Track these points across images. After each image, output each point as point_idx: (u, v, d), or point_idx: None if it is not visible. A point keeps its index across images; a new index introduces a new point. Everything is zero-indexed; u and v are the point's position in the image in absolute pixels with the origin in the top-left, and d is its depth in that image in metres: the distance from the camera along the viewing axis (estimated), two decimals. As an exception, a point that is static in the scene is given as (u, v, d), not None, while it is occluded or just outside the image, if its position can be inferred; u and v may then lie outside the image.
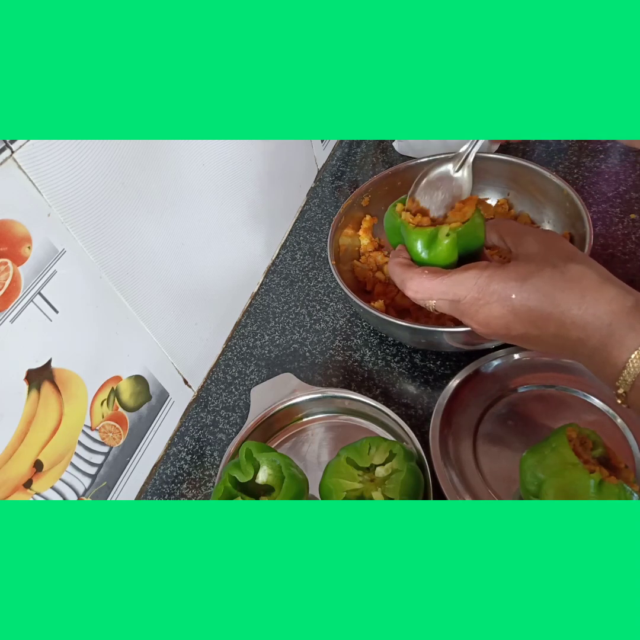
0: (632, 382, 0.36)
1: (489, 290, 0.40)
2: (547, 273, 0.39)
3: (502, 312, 0.40)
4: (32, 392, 0.44)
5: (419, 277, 0.43)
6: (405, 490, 0.44)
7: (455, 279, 0.41)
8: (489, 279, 0.40)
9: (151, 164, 0.53)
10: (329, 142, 0.94)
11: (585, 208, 0.59)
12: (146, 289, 0.55)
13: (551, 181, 0.64)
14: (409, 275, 0.43)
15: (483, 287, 0.40)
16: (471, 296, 0.41)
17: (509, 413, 0.54)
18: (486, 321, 0.41)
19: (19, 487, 0.44)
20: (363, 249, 0.71)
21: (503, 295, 0.40)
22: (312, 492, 0.50)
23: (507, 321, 0.40)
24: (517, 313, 0.40)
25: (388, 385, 0.61)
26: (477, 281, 0.40)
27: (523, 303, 0.39)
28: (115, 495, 0.54)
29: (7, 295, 0.41)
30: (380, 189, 0.71)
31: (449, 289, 0.42)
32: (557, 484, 0.41)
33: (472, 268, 0.41)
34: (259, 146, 0.72)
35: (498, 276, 0.40)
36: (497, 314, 0.40)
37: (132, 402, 0.55)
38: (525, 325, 0.40)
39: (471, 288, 0.41)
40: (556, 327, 0.38)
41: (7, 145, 0.39)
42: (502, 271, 0.40)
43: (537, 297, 0.39)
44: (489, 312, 0.41)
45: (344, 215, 0.67)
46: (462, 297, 0.41)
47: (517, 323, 0.40)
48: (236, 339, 0.71)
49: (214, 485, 0.55)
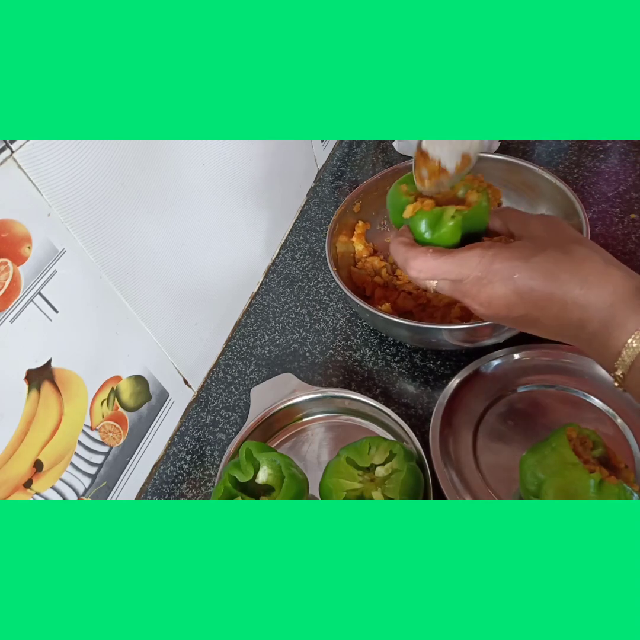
0: (630, 363, 0.35)
1: (492, 269, 0.40)
2: (551, 253, 0.38)
3: (504, 291, 0.40)
4: (32, 392, 0.44)
5: (423, 255, 0.42)
6: (405, 490, 0.44)
7: (460, 257, 0.41)
8: (493, 257, 0.40)
9: (151, 164, 0.53)
10: (329, 142, 0.94)
11: (578, 199, 0.59)
12: (146, 289, 0.55)
13: (541, 176, 0.64)
14: (413, 254, 0.43)
15: (486, 266, 0.40)
16: (474, 275, 0.41)
17: (509, 413, 0.54)
18: (488, 301, 0.41)
19: (19, 487, 0.44)
20: (358, 255, 0.71)
21: (506, 274, 0.39)
22: (312, 492, 0.50)
23: (509, 301, 0.40)
24: (520, 293, 0.39)
25: (388, 385, 0.61)
26: (481, 260, 0.40)
27: (526, 282, 0.39)
28: (115, 495, 0.54)
29: (7, 295, 0.41)
30: (370, 195, 0.71)
31: (453, 268, 0.41)
32: (557, 484, 0.41)
33: (476, 247, 0.41)
34: (259, 146, 0.72)
35: (502, 255, 0.40)
36: (499, 294, 0.40)
37: (132, 402, 0.55)
38: (527, 305, 0.40)
39: (475, 267, 0.40)
40: (558, 307, 0.38)
41: (7, 145, 0.39)
42: (506, 250, 0.40)
43: (540, 276, 0.38)
44: (492, 291, 0.40)
45: (338, 222, 0.68)
46: (466, 276, 0.41)
47: (519, 303, 0.40)
48: (236, 339, 0.71)
49: (214, 485, 0.55)
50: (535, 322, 0.40)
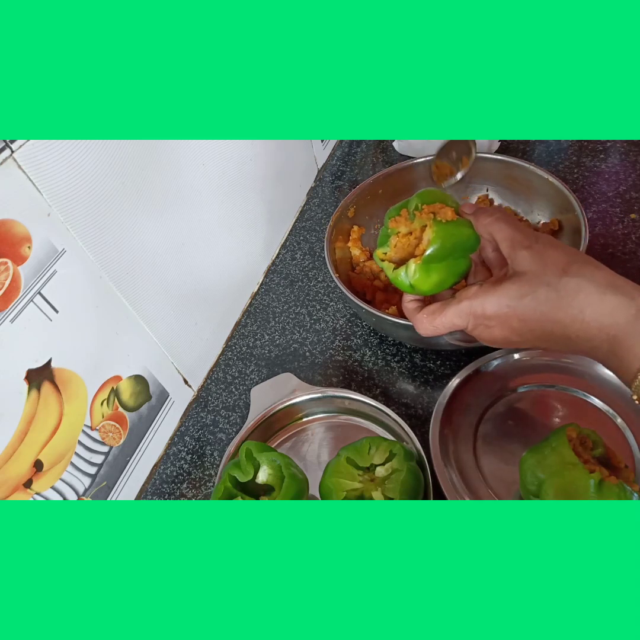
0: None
1: (485, 316, 0.41)
2: (542, 294, 0.39)
3: (503, 333, 0.42)
4: (32, 391, 0.44)
5: (420, 321, 0.45)
6: (405, 490, 0.44)
7: (452, 313, 0.43)
8: (482, 306, 0.41)
9: (151, 164, 0.53)
10: (329, 142, 0.94)
11: (577, 199, 0.59)
12: (146, 289, 0.55)
13: (540, 176, 0.64)
14: (414, 320, 0.46)
15: (479, 314, 0.42)
16: (471, 324, 0.43)
17: (509, 413, 0.54)
18: (492, 340, 0.43)
19: (19, 487, 0.44)
20: (355, 260, 0.71)
21: (501, 320, 0.41)
22: (312, 491, 0.50)
23: (511, 339, 0.42)
24: (519, 332, 0.41)
25: (388, 385, 0.61)
26: (471, 310, 0.42)
27: (522, 325, 0.40)
28: (115, 495, 0.54)
29: (7, 295, 0.41)
30: (363, 199, 0.71)
31: (450, 324, 0.43)
32: (557, 484, 0.41)
33: (463, 299, 0.42)
34: (259, 146, 0.72)
35: (490, 302, 0.41)
36: (499, 335, 0.42)
37: (132, 402, 0.55)
38: (530, 340, 0.41)
39: (467, 318, 0.42)
40: (563, 340, 0.39)
41: (7, 145, 0.39)
42: (493, 296, 0.41)
43: (535, 317, 0.39)
44: (492, 333, 0.42)
45: (334, 227, 0.68)
46: (464, 326, 0.43)
47: (522, 339, 0.41)
48: (236, 339, 0.71)
49: (214, 485, 0.55)
50: (545, 346, 0.42)
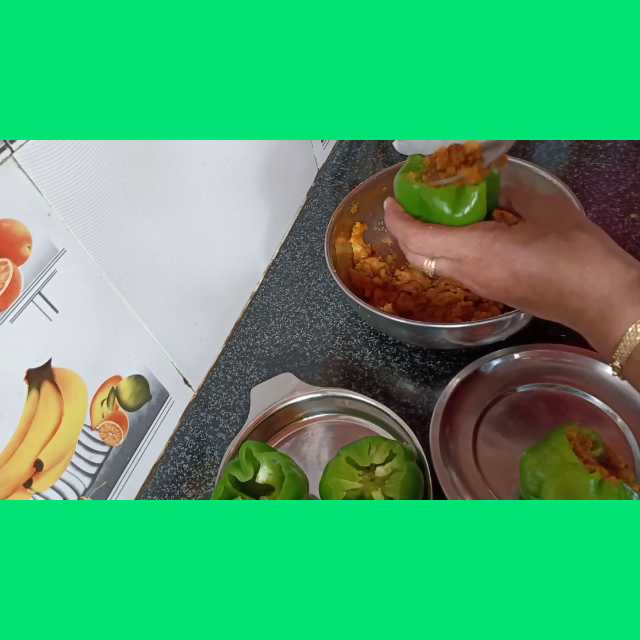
0: (628, 355, 0.36)
1: (491, 251, 0.39)
2: (552, 239, 0.38)
3: (503, 274, 0.40)
4: (32, 391, 0.44)
5: (422, 232, 0.42)
6: (405, 490, 0.44)
7: (460, 237, 0.40)
8: (493, 240, 0.39)
9: (151, 164, 0.53)
10: (329, 142, 0.94)
11: (576, 199, 0.59)
12: (146, 289, 0.55)
13: (540, 176, 0.64)
14: (412, 230, 0.43)
15: (486, 248, 0.40)
16: (473, 256, 0.40)
17: (509, 413, 0.54)
18: (487, 283, 0.41)
19: (19, 487, 0.44)
20: (356, 256, 0.71)
21: (505, 258, 0.39)
22: (312, 491, 0.50)
23: (507, 284, 0.40)
24: (518, 277, 0.39)
25: (388, 384, 0.61)
26: (481, 242, 0.40)
27: (524, 267, 0.39)
28: (115, 495, 0.54)
29: (7, 295, 0.41)
30: (368, 196, 0.71)
31: (452, 247, 0.41)
32: (557, 484, 0.41)
33: (477, 228, 0.40)
34: (259, 146, 0.72)
35: (502, 238, 0.39)
36: (498, 277, 0.40)
37: (132, 402, 0.55)
38: (524, 290, 0.40)
39: (474, 248, 0.40)
40: (555, 294, 0.38)
41: (7, 145, 0.39)
42: (508, 233, 0.40)
43: (539, 262, 0.38)
44: (490, 274, 0.40)
45: (336, 223, 0.68)
46: (464, 256, 0.41)
47: (517, 287, 0.40)
48: (236, 339, 0.71)
49: (214, 485, 0.55)
50: (533, 305, 0.40)
